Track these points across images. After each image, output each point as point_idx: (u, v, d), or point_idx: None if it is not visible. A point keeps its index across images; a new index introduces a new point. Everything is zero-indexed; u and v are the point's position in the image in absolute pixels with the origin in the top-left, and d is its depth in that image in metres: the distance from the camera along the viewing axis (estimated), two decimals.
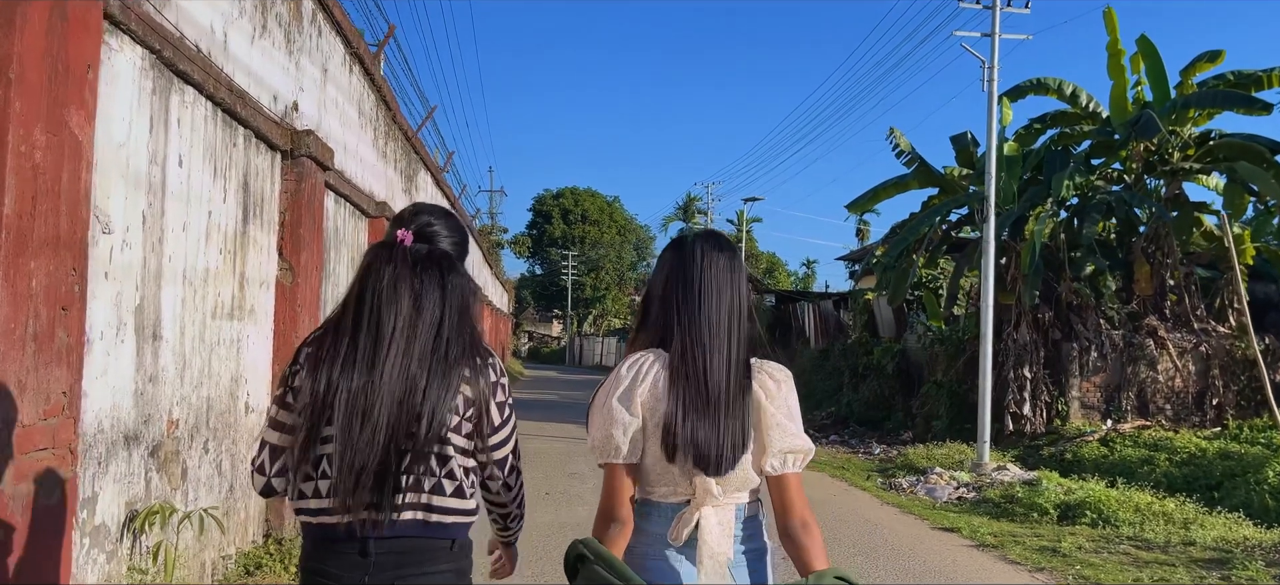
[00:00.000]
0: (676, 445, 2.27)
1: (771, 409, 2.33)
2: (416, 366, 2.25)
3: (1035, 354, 17.30)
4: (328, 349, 2.28)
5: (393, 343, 2.24)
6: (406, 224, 2.38)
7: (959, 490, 12.61)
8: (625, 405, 2.30)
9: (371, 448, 2.19)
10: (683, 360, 2.32)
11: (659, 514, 2.34)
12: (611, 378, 2.37)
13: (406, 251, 2.32)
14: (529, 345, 74.63)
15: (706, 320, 2.35)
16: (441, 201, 17.69)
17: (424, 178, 14.81)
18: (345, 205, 9.34)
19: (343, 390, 2.21)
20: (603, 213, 67.81)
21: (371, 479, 2.19)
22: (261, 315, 6.77)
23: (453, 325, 2.31)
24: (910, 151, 19.52)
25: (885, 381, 21.46)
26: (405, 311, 2.26)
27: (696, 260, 2.41)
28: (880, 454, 16.88)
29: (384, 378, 2.22)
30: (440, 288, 2.31)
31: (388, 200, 11.27)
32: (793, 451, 2.33)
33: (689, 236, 2.52)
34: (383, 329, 2.24)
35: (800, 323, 29.95)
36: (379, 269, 2.30)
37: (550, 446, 15.11)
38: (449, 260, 2.38)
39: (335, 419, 2.21)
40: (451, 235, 2.44)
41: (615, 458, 2.29)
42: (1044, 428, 17.11)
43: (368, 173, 10.33)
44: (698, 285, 2.38)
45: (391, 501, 2.22)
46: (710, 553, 2.29)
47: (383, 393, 2.21)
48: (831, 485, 12.80)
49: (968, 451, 15.58)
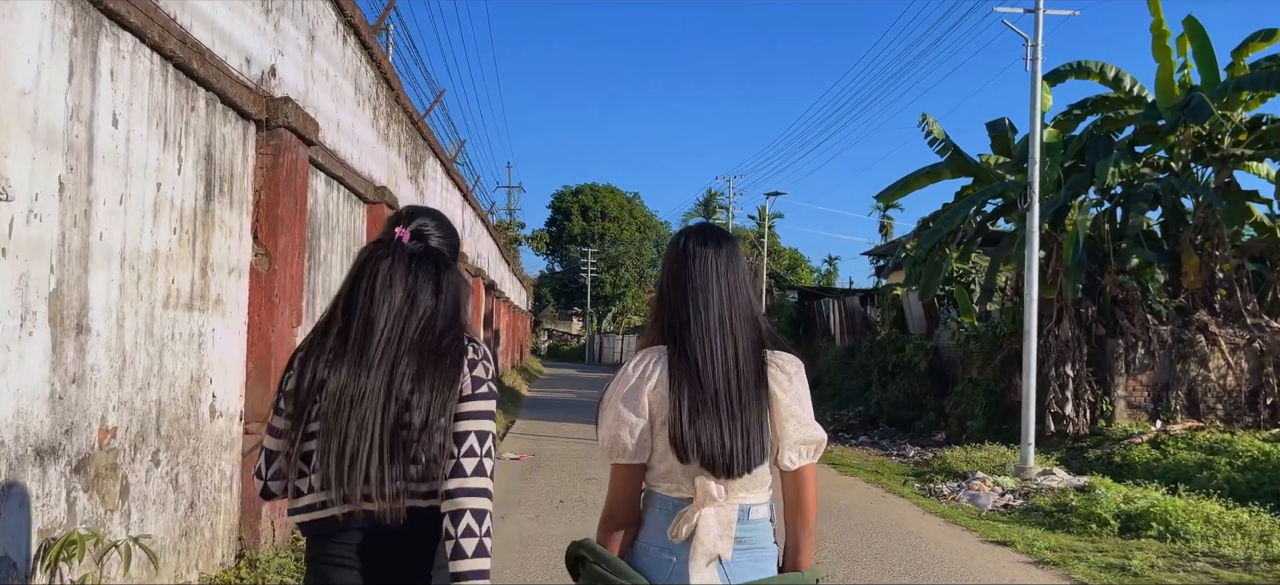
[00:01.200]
0: (684, 446, 2.22)
1: (786, 400, 2.29)
2: (407, 358, 2.24)
3: (1078, 351, 16.30)
4: (314, 346, 2.29)
5: (384, 334, 2.24)
6: (403, 223, 2.39)
7: (1005, 497, 11.64)
8: (631, 406, 2.27)
9: (361, 436, 2.17)
10: (681, 358, 2.27)
11: (661, 506, 2.31)
12: (619, 376, 2.33)
13: (404, 248, 2.33)
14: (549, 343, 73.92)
15: (699, 317, 2.29)
16: (453, 192, 16.83)
17: (433, 166, 13.95)
18: (339, 188, 8.48)
19: (331, 383, 2.21)
20: (622, 209, 66.89)
21: (363, 469, 2.16)
22: (231, 306, 5.91)
23: (448, 318, 2.31)
24: (943, 139, 18.50)
25: (916, 380, 20.47)
26: (397, 304, 2.26)
27: (685, 256, 2.37)
28: (914, 456, 15.91)
29: (374, 368, 2.21)
30: (434, 282, 2.32)
31: (390, 186, 10.42)
32: (806, 443, 2.30)
33: (680, 232, 2.48)
34: (375, 321, 2.24)
35: (825, 320, 28.97)
36: (374, 265, 2.30)
37: (566, 449, 14.24)
38: (443, 258, 2.39)
39: (321, 414, 2.20)
40: (444, 236, 2.45)
41: (623, 458, 2.28)
42: (1088, 429, 16.10)
43: (366, 155, 9.48)
44: (687, 282, 2.33)
45: (385, 491, 2.18)
46: (703, 550, 2.23)
47: (372, 383, 2.20)
48: (867, 492, 11.85)
49: (1009, 454, 14.63)
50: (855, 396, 23.84)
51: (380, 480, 2.17)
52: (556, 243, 68.63)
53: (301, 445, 2.25)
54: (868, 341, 25.03)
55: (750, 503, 2.29)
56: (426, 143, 13.12)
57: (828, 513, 10.18)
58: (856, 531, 9.22)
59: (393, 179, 10.83)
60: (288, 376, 2.34)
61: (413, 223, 2.40)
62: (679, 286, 2.35)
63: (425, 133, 12.86)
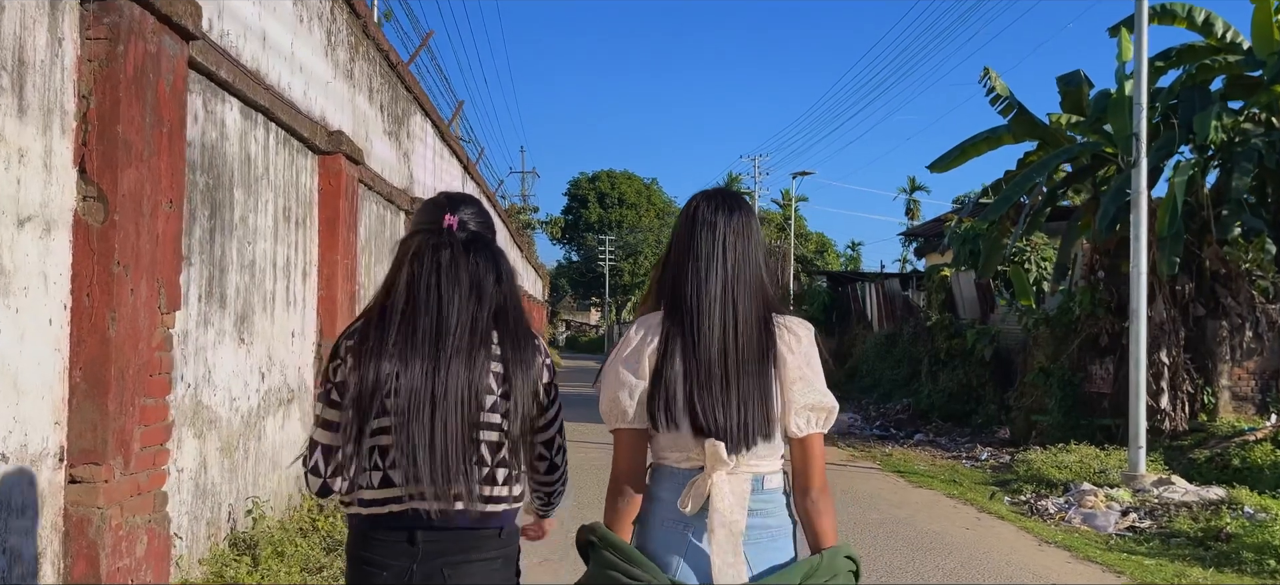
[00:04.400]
0: (671, 410, 2.12)
1: (794, 361, 2.16)
2: (483, 352, 2.16)
3: (1175, 335, 13.82)
4: (372, 340, 2.16)
5: (457, 329, 2.15)
6: (449, 209, 2.26)
7: (1128, 516, 9.21)
8: (632, 368, 2.17)
9: (447, 435, 2.11)
10: (677, 326, 2.16)
11: (671, 479, 2.17)
12: (622, 340, 2.25)
13: (455, 236, 2.21)
14: (567, 334, 71.84)
15: (698, 284, 2.17)
16: (450, 163, 14.44)
17: (421, 125, 11.57)
18: (266, 126, 6.15)
19: (402, 380, 2.11)
20: (640, 196, 64.42)
21: (456, 466, 2.12)
22: (30, 280, 3.58)
23: (516, 308, 2.25)
24: (1007, 96, 16.01)
25: (973, 370, 18.01)
26: (465, 295, 2.17)
27: (693, 222, 2.24)
28: (989, 460, 13.47)
29: (450, 364, 2.13)
30: (495, 271, 2.23)
31: (356, 136, 8.09)
32: (816, 409, 2.15)
33: (693, 197, 2.31)
34: (446, 315, 2.15)
35: (861, 305, 26.52)
36: (432, 253, 2.18)
37: (584, 461, 11.83)
38: (494, 244, 2.30)
39: (396, 409, 2.11)
40: (484, 224, 2.33)
41: (622, 421, 2.17)
42: (1186, 425, 13.63)
43: (317, 91, 7.14)
44: (691, 247, 2.21)
45: (471, 489, 2.15)
46: (722, 522, 2.09)
47: (452, 380, 2.12)
48: (955, 511, 9.43)
49: (1102, 457, 12.21)
50: (899, 387, 21.42)
51: (467, 477, 2.13)
52: (573, 231, 66.21)
53: (368, 440, 2.13)
54: (911, 328, 22.59)
55: (764, 472, 2.15)
56: (411, 96, 10.75)
57: (917, 542, 7.82)
58: (964, 571, 6.85)
59: (360, 129, 8.48)
60: (334, 367, 2.20)
61: (458, 210, 2.26)
62: (683, 252, 2.22)
63: (409, 82, 10.50)
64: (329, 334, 7.24)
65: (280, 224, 6.43)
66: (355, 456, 2.14)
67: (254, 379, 5.93)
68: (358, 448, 2.13)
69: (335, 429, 2.19)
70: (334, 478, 2.22)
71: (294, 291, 6.73)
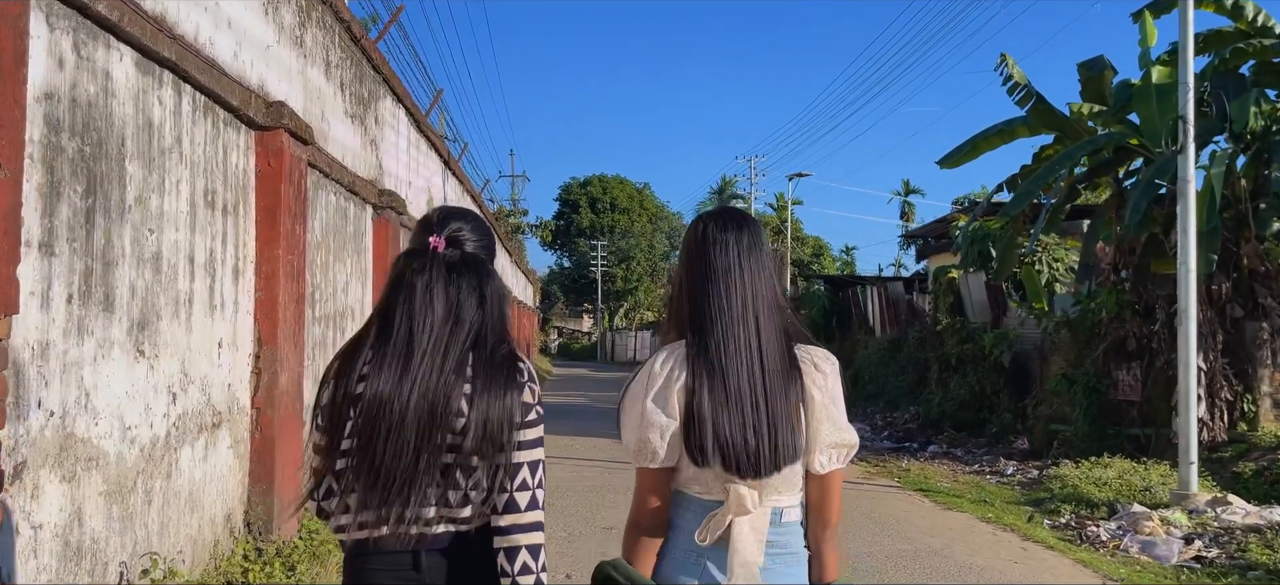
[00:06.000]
0: (703, 447, 2.03)
1: (821, 400, 2.11)
2: (455, 376, 2.09)
3: (1211, 338, 12.67)
4: (350, 359, 2.14)
5: (427, 352, 2.08)
6: (437, 230, 2.20)
7: (1192, 544, 8.03)
8: (661, 406, 2.07)
9: (398, 458, 2.03)
10: (701, 353, 2.08)
11: (691, 509, 2.12)
12: (644, 373, 2.14)
13: (440, 258, 2.16)
14: (558, 341, 70.56)
15: (721, 308, 2.10)
16: (428, 157, 13.19)
17: (392, 111, 10.32)
18: (181, 89, 4.93)
19: (365, 399, 2.07)
20: (633, 200, 63.02)
21: (403, 491, 2.03)
22: None
23: (496, 331, 2.17)
24: (1025, 85, 14.87)
25: (986, 376, 16.86)
26: (438, 320, 2.11)
27: (704, 243, 2.17)
28: (1015, 475, 12.29)
29: (415, 386, 2.06)
30: (478, 293, 2.16)
31: (303, 112, 6.88)
32: (839, 446, 2.12)
33: (697, 218, 2.28)
34: (415, 337, 2.09)
35: (862, 309, 25.37)
36: (412, 279, 2.14)
37: (577, 478, 10.64)
38: (484, 265, 2.23)
39: (354, 429, 2.07)
40: (480, 239, 2.27)
41: (652, 462, 2.07)
42: (1225, 435, 12.49)
43: (252, 53, 5.93)
44: (707, 270, 2.14)
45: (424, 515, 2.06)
46: (741, 562, 2.05)
47: (413, 401, 2.05)
48: (996, 539, 8.22)
49: (1142, 472, 11.07)
50: (904, 395, 20.28)
51: (413, 501, 2.04)
52: (565, 236, 64.87)
53: (336, 462, 2.09)
54: (916, 332, 21.45)
55: (783, 505, 2.11)
56: (380, 76, 9.52)
57: (962, 580, 6.64)
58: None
59: (313, 106, 7.26)
60: (323, 391, 2.16)
61: (447, 228, 2.21)
62: (698, 276, 2.14)
63: (377, 61, 9.29)
64: (270, 342, 6.02)
65: (201, 210, 5.21)
66: (329, 477, 2.10)
67: (160, 401, 4.71)
68: (331, 469, 2.09)
69: (320, 452, 2.14)
70: (326, 501, 2.14)
71: (221, 292, 5.52)
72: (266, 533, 5.88)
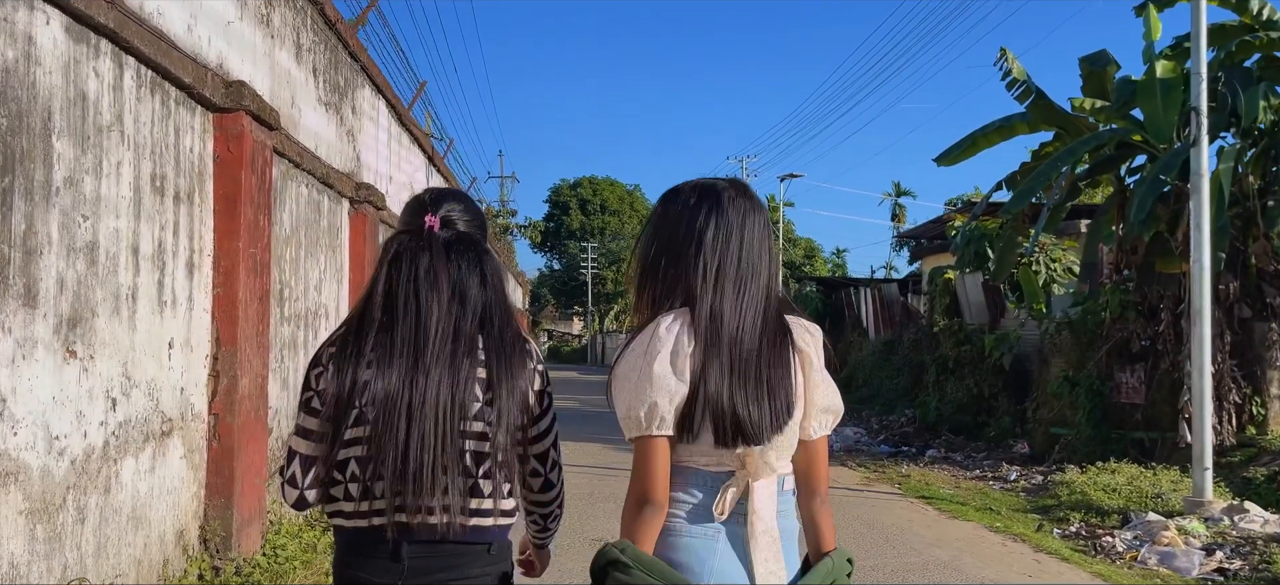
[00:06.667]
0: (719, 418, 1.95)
1: (818, 363, 2.08)
2: (468, 361, 2.02)
3: (1219, 339, 12.24)
4: (351, 347, 2.02)
5: (438, 337, 2.01)
6: (430, 209, 2.13)
7: (1214, 556, 7.59)
8: (674, 368, 1.95)
9: (424, 447, 1.96)
10: (712, 322, 2.00)
11: (699, 482, 2.00)
12: (645, 337, 2.00)
13: (438, 238, 2.09)
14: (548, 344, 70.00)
15: (735, 275, 2.03)
16: (411, 152, 12.67)
17: (370, 101, 9.80)
18: (122, 61, 4.42)
19: (377, 388, 1.98)
20: (623, 202, 62.48)
21: (430, 481, 1.97)
22: None
23: (502, 312, 2.12)
24: (1025, 81, 14.45)
25: (985, 378, 16.43)
26: (445, 301, 2.03)
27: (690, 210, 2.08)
28: (1019, 480, 11.85)
29: (431, 373, 1.99)
30: (479, 273, 2.10)
31: (275, 100, 6.39)
32: (830, 410, 2.10)
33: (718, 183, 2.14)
34: (426, 322, 2.01)
35: (855, 312, 24.94)
36: (411, 258, 2.06)
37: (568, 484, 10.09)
38: (480, 243, 2.17)
39: (369, 419, 1.97)
40: (472, 220, 2.19)
41: (661, 429, 1.94)
42: (1233, 439, 12.07)
43: (209, 28, 5.43)
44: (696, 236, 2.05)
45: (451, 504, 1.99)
46: (764, 528, 1.99)
47: (432, 390, 1.98)
48: (1006, 550, 7.75)
49: (1151, 478, 10.66)
50: (900, 397, 19.85)
51: (446, 491, 1.97)
52: (555, 239, 64.28)
53: (340, 451, 2.00)
54: (911, 334, 21.03)
55: (783, 473, 2.06)
56: (357, 64, 9.02)
57: None
58: None
59: (282, 91, 6.76)
60: (317, 374, 2.03)
61: (441, 208, 2.14)
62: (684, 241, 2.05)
63: (355, 48, 8.78)
64: (229, 343, 5.52)
65: (147, 196, 4.71)
66: (330, 467, 2.01)
67: (96, 407, 4.21)
68: (332, 457, 2.01)
69: (314, 438, 2.03)
70: (310, 490, 2.05)
71: (172, 288, 5.02)
72: (225, 549, 5.38)
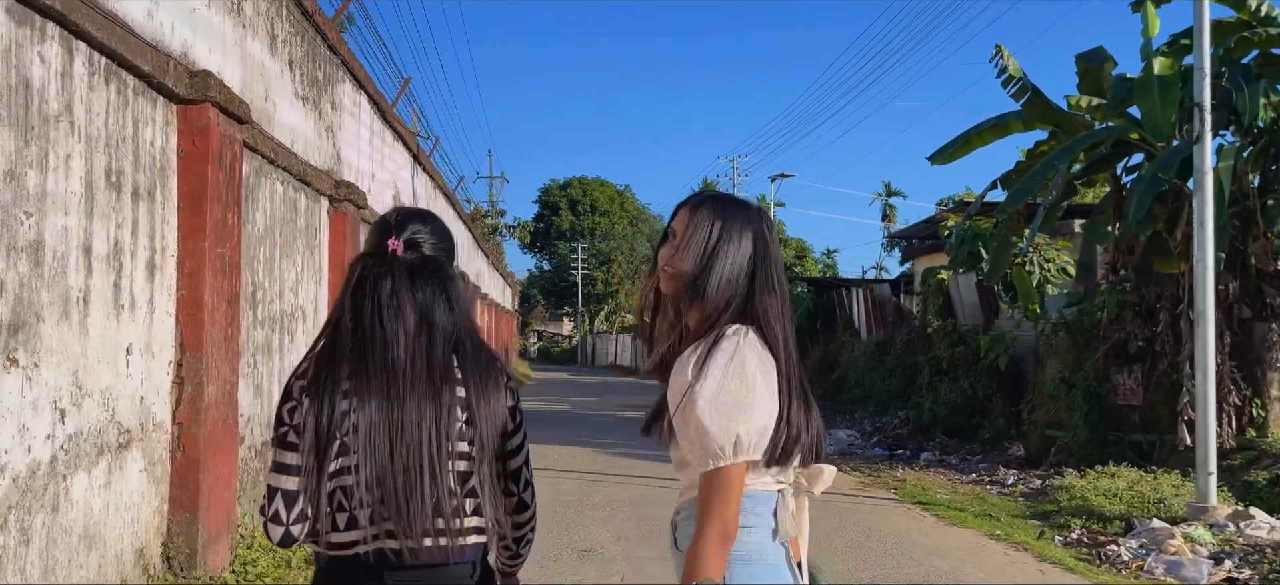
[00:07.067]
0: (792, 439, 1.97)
1: None
2: (446, 386, 2.02)
3: (1219, 340, 11.99)
4: (325, 378, 1.99)
5: (407, 363, 2.00)
6: (395, 232, 2.09)
7: (1223, 564, 7.33)
8: (770, 387, 1.92)
9: (415, 474, 1.96)
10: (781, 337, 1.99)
11: (766, 506, 1.98)
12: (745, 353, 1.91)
13: (401, 261, 2.06)
14: (538, 345, 69.66)
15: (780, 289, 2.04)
16: (396, 150, 12.35)
17: (351, 97, 9.48)
18: (72, 46, 4.10)
19: (359, 418, 1.96)
20: (613, 202, 62.17)
21: (424, 503, 1.97)
22: None
23: (471, 335, 2.11)
24: (1021, 78, 14.20)
25: (979, 380, 16.19)
26: (412, 328, 2.02)
27: (768, 231, 2.08)
28: (1017, 485, 11.60)
29: (407, 399, 1.98)
30: (445, 297, 2.07)
31: (246, 92, 6.08)
32: None
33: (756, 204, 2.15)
34: (391, 348, 1.99)
35: (847, 312, 24.69)
36: (374, 283, 2.03)
37: (554, 491, 9.81)
38: (444, 267, 2.14)
39: (351, 450, 1.96)
40: (440, 241, 2.16)
41: (756, 454, 1.90)
42: (1233, 441, 11.84)
43: (172, 13, 5.10)
44: (772, 256, 2.06)
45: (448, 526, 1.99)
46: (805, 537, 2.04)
47: (410, 416, 1.97)
48: (1009, 560, 7.47)
49: (1152, 482, 10.42)
50: (893, 399, 19.60)
51: (438, 516, 1.97)
52: (545, 239, 63.89)
53: (327, 482, 1.97)
54: (904, 335, 20.79)
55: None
56: (338, 58, 8.68)
57: None
58: None
59: (254, 83, 6.44)
60: (290, 409, 1.99)
61: (406, 230, 2.09)
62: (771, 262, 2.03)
63: (334, 41, 8.45)
64: (195, 348, 5.20)
65: (102, 192, 4.39)
66: (318, 500, 1.98)
67: (42, 419, 3.89)
68: (319, 490, 1.97)
69: (294, 473, 1.99)
70: (296, 525, 2.01)
71: (130, 290, 4.70)
72: (189, 568, 5.06)
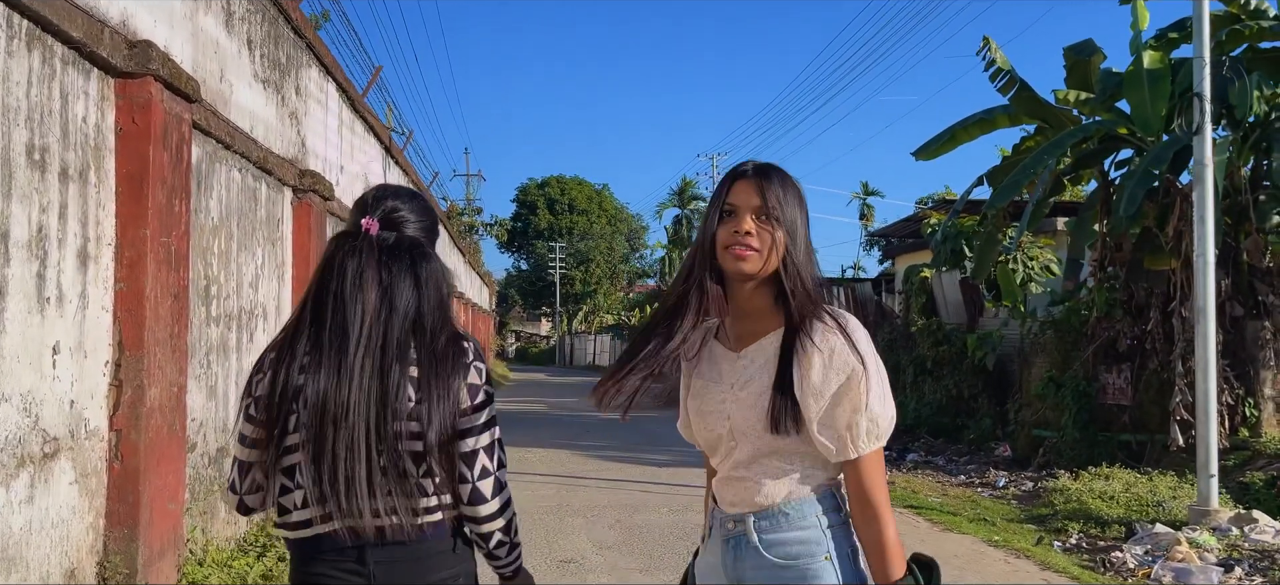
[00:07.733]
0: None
1: None
2: (398, 365, 1.97)
3: None
4: (285, 349, 2.02)
5: (363, 340, 1.97)
6: (370, 210, 2.07)
7: (1232, 571, 6.99)
8: None
9: (353, 453, 1.93)
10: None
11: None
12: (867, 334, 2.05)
13: (373, 241, 2.03)
14: (516, 346, 69.05)
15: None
16: (367, 141, 11.84)
17: (318, 82, 8.97)
18: None
19: (307, 394, 1.96)
20: (591, 202, 61.64)
21: (362, 485, 1.93)
22: None
23: (435, 316, 2.04)
24: (1008, 71, 13.88)
25: (965, 379, 15.88)
26: (372, 307, 1.98)
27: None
28: (1008, 487, 11.25)
29: (357, 378, 1.95)
30: (413, 277, 2.03)
31: (197, 71, 5.58)
32: None
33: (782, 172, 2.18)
34: (349, 326, 1.97)
35: None
36: (342, 262, 2.01)
37: (533, 496, 9.32)
38: (420, 247, 2.10)
39: (300, 424, 1.96)
40: (420, 219, 2.13)
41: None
42: (1226, 441, 11.54)
43: None
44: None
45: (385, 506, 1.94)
46: None
47: (356, 394, 1.94)
48: (1009, 567, 7.08)
49: (1148, 484, 10.12)
50: None
51: (377, 495, 1.93)
52: (522, 238, 63.26)
53: (281, 458, 1.98)
54: (886, 334, 20.46)
55: None
56: (303, 41, 8.17)
57: None
58: None
59: (207, 62, 5.94)
60: (257, 379, 2.02)
61: (381, 208, 2.07)
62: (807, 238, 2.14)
63: (299, 23, 7.93)
64: (134, 347, 4.71)
65: (21, 172, 3.90)
66: (273, 474, 2.00)
67: None
68: (274, 464, 1.99)
69: (249, 444, 2.02)
70: (250, 495, 2.06)
71: (57, 282, 4.21)
72: None
